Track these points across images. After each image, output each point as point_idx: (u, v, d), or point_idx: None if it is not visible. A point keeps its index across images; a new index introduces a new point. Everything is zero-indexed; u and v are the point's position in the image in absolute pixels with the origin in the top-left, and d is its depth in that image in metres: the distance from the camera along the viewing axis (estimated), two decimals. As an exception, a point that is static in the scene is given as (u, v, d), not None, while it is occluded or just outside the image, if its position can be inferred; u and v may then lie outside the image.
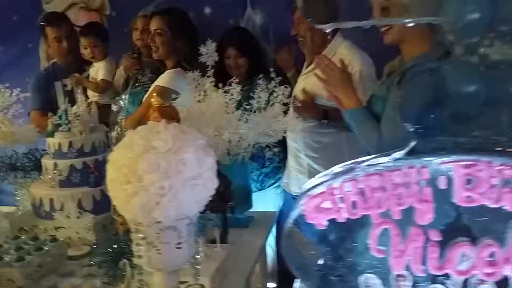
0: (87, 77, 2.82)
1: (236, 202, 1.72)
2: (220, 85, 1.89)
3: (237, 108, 1.88)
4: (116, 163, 0.90)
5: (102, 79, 2.75)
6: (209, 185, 0.95)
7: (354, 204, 0.78)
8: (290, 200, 2.60)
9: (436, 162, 0.75)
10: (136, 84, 2.65)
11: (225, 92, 1.87)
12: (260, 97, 1.90)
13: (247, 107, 1.90)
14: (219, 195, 1.63)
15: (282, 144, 2.39)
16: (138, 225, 0.93)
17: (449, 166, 0.74)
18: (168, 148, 0.88)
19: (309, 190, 0.81)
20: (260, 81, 1.91)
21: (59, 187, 1.82)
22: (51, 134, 1.88)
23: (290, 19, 2.45)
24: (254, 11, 2.93)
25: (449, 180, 0.75)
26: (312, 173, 2.44)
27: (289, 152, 2.50)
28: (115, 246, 1.39)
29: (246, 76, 2.50)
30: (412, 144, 0.76)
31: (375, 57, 2.22)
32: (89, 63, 2.89)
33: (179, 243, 0.94)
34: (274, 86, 1.91)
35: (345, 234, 0.80)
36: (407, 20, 1.39)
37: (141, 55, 2.71)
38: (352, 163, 0.78)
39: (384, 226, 0.77)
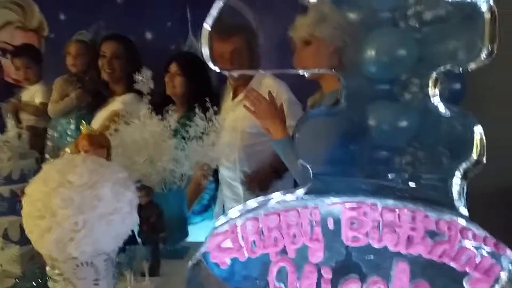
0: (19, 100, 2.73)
1: (170, 232, 1.70)
2: (155, 112, 1.88)
3: (174, 135, 1.89)
4: (31, 197, 0.89)
5: (41, 102, 2.67)
6: (127, 220, 0.95)
7: (254, 243, 0.81)
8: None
9: (327, 203, 0.80)
10: (80, 111, 2.61)
11: (162, 119, 1.87)
12: (197, 125, 1.91)
13: (185, 135, 1.91)
14: (150, 226, 1.63)
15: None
16: (54, 260, 0.91)
17: (338, 207, 0.80)
18: (83, 183, 0.88)
19: (217, 227, 0.83)
20: (196, 110, 1.93)
21: (-15, 216, 1.74)
22: (-24, 161, 1.80)
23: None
24: (196, 37, 2.97)
25: (337, 221, 0.80)
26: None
27: (222, 181, 2.50)
28: (39, 280, 1.35)
29: (185, 101, 2.50)
30: (309, 184, 0.81)
31: (298, 90, 2.30)
32: (17, 87, 2.82)
33: (96, 279, 0.93)
34: (214, 114, 1.93)
35: (248, 271, 0.83)
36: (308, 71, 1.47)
37: (79, 79, 2.66)
38: (264, 199, 0.82)
39: (281, 264, 0.81)
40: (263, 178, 2.36)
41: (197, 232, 1.98)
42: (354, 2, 1.73)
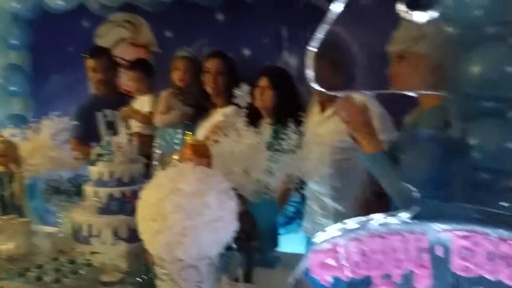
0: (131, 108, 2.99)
1: (262, 241, 1.75)
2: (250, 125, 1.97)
3: (268, 148, 1.95)
4: (145, 202, 0.98)
5: (150, 112, 2.90)
6: (229, 228, 1.01)
7: (357, 264, 0.81)
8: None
9: (435, 229, 0.77)
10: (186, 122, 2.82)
11: (256, 132, 1.94)
12: (290, 138, 1.95)
13: (278, 147, 1.96)
14: (245, 234, 1.69)
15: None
16: (162, 261, 1.00)
17: (447, 235, 0.77)
18: (192, 190, 0.96)
19: (317, 244, 0.85)
20: (291, 124, 1.97)
21: (98, 214, 1.94)
22: (94, 163, 2.02)
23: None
24: (290, 53, 3.03)
25: (447, 249, 0.77)
26: (338, 217, 2.44)
27: (310, 196, 2.51)
28: (144, 276, 1.46)
29: (272, 114, 2.55)
30: (414, 207, 0.80)
31: (392, 104, 2.24)
32: (129, 97, 3.10)
33: (199, 282, 1.00)
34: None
35: None
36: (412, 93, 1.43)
37: (183, 93, 2.85)
38: (365, 220, 0.82)
39: None
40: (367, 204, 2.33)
41: (282, 243, 2.03)
42: (456, 18, 1.68)
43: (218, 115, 2.67)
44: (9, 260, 1.93)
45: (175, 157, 2.60)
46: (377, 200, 2.29)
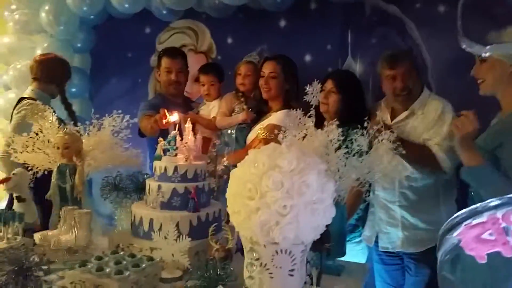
0: (197, 113, 2.98)
1: (332, 246, 1.65)
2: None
3: (335, 150, 1.86)
4: (240, 179, 0.91)
5: (214, 117, 2.88)
6: (327, 213, 0.93)
7: None
8: (376, 255, 2.48)
9: None
10: (243, 124, 2.77)
11: (326, 132, 1.86)
12: (358, 142, 1.86)
13: (347, 149, 1.87)
14: (320, 235, 1.60)
15: None
16: (254, 244, 0.92)
17: None
18: (292, 168, 0.89)
19: (459, 222, 0.74)
20: (358, 127, 1.88)
21: (160, 209, 1.90)
22: (159, 158, 1.99)
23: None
24: (355, 60, 2.96)
25: None
26: (406, 226, 2.32)
27: (376, 203, 2.41)
28: (211, 271, 1.39)
29: (337, 118, 2.46)
30: None
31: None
32: (192, 102, 3.09)
33: (292, 270, 0.91)
34: (377, 131, 1.87)
35: (509, 271, 0.71)
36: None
37: (245, 96, 2.82)
38: (509, 197, 0.71)
39: None
40: None
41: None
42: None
43: (271, 118, 2.61)
44: (68, 251, 1.92)
45: (225, 158, 2.64)
46: None
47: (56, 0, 3.34)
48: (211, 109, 2.92)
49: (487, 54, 1.56)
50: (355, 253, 2.46)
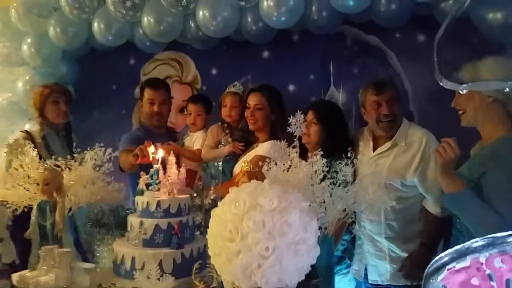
0: (182, 145, 2.94)
1: (320, 281, 1.62)
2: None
3: (320, 181, 1.85)
4: (221, 219, 0.88)
5: (198, 149, 2.85)
6: (312, 253, 0.90)
7: (508, 284, 0.68)
8: (363, 284, 2.44)
9: None
10: (229, 156, 2.75)
11: (310, 163, 1.85)
12: (344, 172, 1.85)
13: (331, 180, 1.85)
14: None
15: None
16: (236, 288, 0.88)
17: None
18: (273, 207, 0.86)
19: (441, 266, 0.72)
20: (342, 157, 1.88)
21: (142, 246, 1.84)
22: (141, 193, 1.95)
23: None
24: (337, 89, 2.99)
25: None
26: (394, 259, 2.29)
27: (363, 235, 2.39)
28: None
29: (319, 148, 2.45)
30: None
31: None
32: (175, 133, 3.06)
33: (275, 315, 0.87)
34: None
35: None
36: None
37: (231, 128, 2.81)
38: (492, 237, 0.69)
39: None
40: (416, 265, 2.21)
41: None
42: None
43: (258, 149, 2.60)
44: (48, 293, 1.84)
45: (212, 190, 2.59)
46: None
47: (38, 33, 3.32)
48: (195, 140, 2.89)
49: (464, 92, 1.59)
50: (342, 284, 2.41)
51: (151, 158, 2.06)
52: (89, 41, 3.36)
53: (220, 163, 2.73)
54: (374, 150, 2.40)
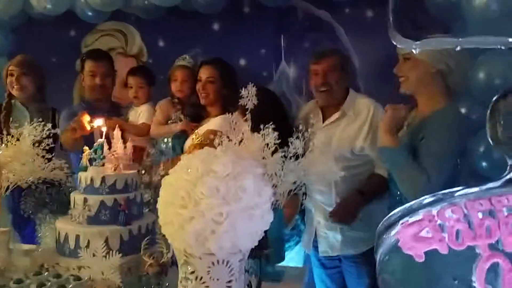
0: (127, 120, 2.82)
1: (271, 252, 1.62)
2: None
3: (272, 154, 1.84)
4: (172, 186, 0.84)
5: (143, 123, 2.74)
6: (265, 217, 0.88)
7: (458, 234, 0.69)
8: (316, 259, 2.49)
9: None
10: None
11: (262, 136, 1.83)
12: (294, 145, 1.85)
13: (283, 153, 1.84)
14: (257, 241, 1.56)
15: None
16: (189, 256, 0.85)
17: None
18: (227, 173, 0.83)
19: (395, 221, 0.72)
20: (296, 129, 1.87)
21: (87, 223, 1.76)
22: (84, 169, 1.85)
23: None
24: (288, 64, 2.98)
25: None
26: (343, 228, 2.34)
27: (314, 207, 2.42)
28: (145, 288, 1.30)
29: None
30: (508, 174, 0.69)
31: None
32: (121, 108, 2.93)
33: (229, 281, 0.86)
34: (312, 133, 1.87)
35: (444, 268, 0.70)
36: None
37: (181, 103, 2.71)
38: (440, 194, 0.71)
39: (494, 260, 0.67)
40: (349, 209, 2.27)
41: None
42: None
43: (210, 123, 2.54)
44: (-17, 275, 1.72)
45: (161, 166, 2.53)
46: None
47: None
48: (140, 114, 2.77)
49: (417, 51, 1.61)
50: (290, 258, 2.45)
51: (88, 128, 1.95)
52: (25, 10, 3.12)
53: (170, 139, 2.64)
54: (323, 121, 2.43)
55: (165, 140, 2.66)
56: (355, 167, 2.32)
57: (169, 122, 2.68)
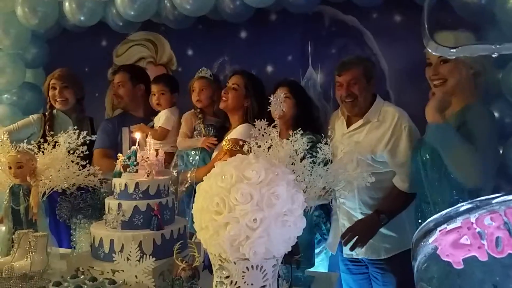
0: (152, 126, 2.89)
1: (301, 257, 1.63)
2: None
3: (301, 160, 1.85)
4: (207, 193, 0.87)
5: (160, 126, 2.81)
6: (298, 224, 0.89)
7: (497, 241, 0.69)
8: (343, 264, 2.48)
9: None
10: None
11: (291, 142, 1.84)
12: (325, 150, 1.85)
13: (312, 159, 1.85)
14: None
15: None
16: (224, 261, 0.87)
17: None
18: (261, 180, 0.85)
19: (433, 228, 0.72)
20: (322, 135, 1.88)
21: (121, 228, 1.81)
22: (118, 175, 1.91)
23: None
24: (316, 70, 2.98)
25: None
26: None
27: (339, 210, 2.41)
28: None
29: (290, 125, 2.45)
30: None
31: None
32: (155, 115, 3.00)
33: (263, 286, 0.87)
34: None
35: (482, 274, 0.70)
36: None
37: (203, 113, 2.77)
38: (477, 201, 0.70)
39: None
40: (365, 234, 2.23)
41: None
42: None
43: (232, 133, 2.57)
44: (23, 278, 1.79)
45: (188, 176, 2.57)
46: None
47: (5, 12, 3.18)
48: (159, 118, 2.85)
49: (454, 56, 1.59)
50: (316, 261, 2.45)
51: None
52: (59, 22, 3.23)
53: (198, 151, 2.69)
54: (347, 127, 2.43)
55: (193, 152, 2.71)
56: (377, 174, 2.29)
57: (194, 133, 2.74)
